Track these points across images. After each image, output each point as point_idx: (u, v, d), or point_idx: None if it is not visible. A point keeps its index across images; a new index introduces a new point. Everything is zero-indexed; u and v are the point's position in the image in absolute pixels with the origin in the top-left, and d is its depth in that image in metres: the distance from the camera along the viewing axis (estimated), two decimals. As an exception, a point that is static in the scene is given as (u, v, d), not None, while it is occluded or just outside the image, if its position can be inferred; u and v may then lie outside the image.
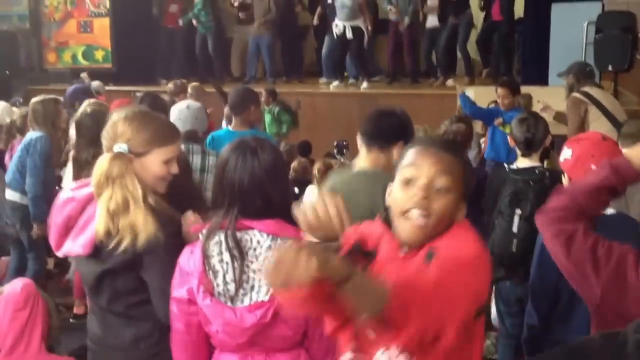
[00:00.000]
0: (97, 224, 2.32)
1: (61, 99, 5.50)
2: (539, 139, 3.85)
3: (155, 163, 2.42)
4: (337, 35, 10.41)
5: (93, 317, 2.57)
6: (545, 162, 4.29)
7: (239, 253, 2.12)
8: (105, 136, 2.45)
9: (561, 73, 6.10)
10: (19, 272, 5.23)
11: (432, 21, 10.68)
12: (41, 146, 4.99)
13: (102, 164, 2.36)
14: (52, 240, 2.49)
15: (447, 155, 1.72)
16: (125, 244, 2.28)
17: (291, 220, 1.98)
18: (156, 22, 12.49)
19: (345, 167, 3.78)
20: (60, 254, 2.48)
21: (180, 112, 4.33)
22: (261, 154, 2.17)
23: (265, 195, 2.15)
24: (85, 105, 4.05)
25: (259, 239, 2.14)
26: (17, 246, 5.38)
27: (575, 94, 5.73)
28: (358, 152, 3.10)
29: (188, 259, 2.19)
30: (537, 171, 3.77)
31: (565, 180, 2.75)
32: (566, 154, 2.71)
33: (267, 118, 8.53)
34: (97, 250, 2.37)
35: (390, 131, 3.02)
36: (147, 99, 4.80)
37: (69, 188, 2.57)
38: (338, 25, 10.35)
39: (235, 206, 2.15)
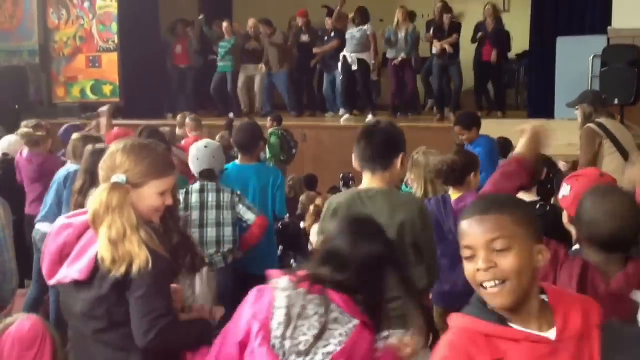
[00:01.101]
0: (102, 252, 2.30)
1: (103, 137, 5.58)
2: (537, 172, 3.73)
3: (151, 194, 2.43)
4: (344, 66, 10.52)
5: (71, 345, 2.52)
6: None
7: (305, 317, 2.06)
8: (103, 167, 2.46)
9: (572, 102, 5.82)
10: (36, 305, 5.25)
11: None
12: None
13: (101, 194, 2.35)
14: (45, 269, 2.46)
15: (491, 216, 1.67)
16: (121, 271, 2.27)
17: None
18: (165, 58, 12.64)
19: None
20: (52, 282, 2.45)
21: (198, 151, 4.42)
22: (376, 242, 2.18)
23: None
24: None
25: (334, 312, 2.07)
26: (38, 279, 5.33)
27: (591, 125, 5.50)
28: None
29: (256, 301, 2.13)
30: (538, 206, 3.72)
31: (565, 217, 2.71)
32: (565, 190, 2.68)
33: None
34: (92, 277, 2.34)
35: (386, 147, 3.00)
36: (146, 132, 4.91)
37: (64, 216, 2.58)
38: (346, 57, 10.45)
39: (325, 275, 2.12)
